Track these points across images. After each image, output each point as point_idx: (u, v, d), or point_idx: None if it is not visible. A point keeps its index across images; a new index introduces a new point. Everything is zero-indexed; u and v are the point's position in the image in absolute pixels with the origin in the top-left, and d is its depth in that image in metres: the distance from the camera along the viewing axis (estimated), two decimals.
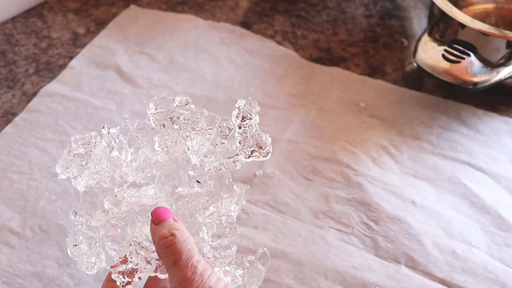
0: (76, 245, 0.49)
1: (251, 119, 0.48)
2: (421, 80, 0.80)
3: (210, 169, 0.49)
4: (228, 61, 0.82)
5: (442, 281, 0.61)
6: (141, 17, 0.88)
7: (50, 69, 0.80)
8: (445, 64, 0.71)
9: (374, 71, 0.81)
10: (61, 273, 0.60)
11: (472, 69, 0.71)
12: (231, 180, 0.50)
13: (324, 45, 0.85)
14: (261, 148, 0.48)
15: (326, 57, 0.83)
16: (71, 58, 0.81)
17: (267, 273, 0.61)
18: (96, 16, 0.88)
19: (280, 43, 0.85)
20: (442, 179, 0.70)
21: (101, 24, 0.87)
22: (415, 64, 0.74)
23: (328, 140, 0.73)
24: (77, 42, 0.84)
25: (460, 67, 0.71)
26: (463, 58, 0.71)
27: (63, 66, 0.80)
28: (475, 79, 0.71)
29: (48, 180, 0.67)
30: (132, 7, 0.90)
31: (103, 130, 0.50)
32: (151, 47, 0.84)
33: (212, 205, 0.49)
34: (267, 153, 0.49)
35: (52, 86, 0.78)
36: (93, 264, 0.49)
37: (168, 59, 0.82)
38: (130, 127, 0.51)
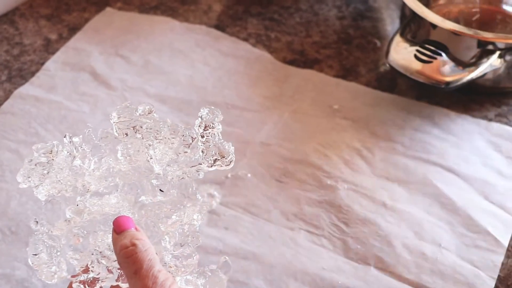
0: (36, 254, 0.48)
1: (213, 128, 0.49)
2: (394, 81, 0.81)
3: (173, 178, 0.49)
4: (203, 63, 0.82)
5: (411, 283, 0.61)
6: (117, 20, 0.88)
7: (22, 75, 0.80)
8: (417, 64, 0.72)
9: (347, 73, 0.81)
10: (30, 275, 0.60)
11: (444, 69, 0.72)
12: (194, 189, 0.50)
13: (298, 47, 0.85)
14: (224, 157, 0.48)
15: (300, 59, 0.83)
16: (43, 64, 0.81)
17: (236, 274, 0.61)
18: (69, 21, 0.88)
19: (254, 46, 0.85)
20: (413, 181, 0.70)
21: (73, 30, 0.86)
22: (388, 65, 0.74)
23: (301, 142, 0.73)
24: (50, 48, 0.83)
25: (432, 67, 0.72)
26: (435, 58, 0.72)
27: (35, 73, 0.80)
28: (448, 79, 0.71)
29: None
30: (108, 9, 0.89)
31: (64, 139, 0.50)
32: (126, 49, 0.84)
33: (175, 214, 0.49)
34: (230, 162, 0.49)
35: (26, 88, 0.78)
36: (53, 274, 0.49)
37: (143, 61, 0.82)
38: (93, 136, 0.51)
